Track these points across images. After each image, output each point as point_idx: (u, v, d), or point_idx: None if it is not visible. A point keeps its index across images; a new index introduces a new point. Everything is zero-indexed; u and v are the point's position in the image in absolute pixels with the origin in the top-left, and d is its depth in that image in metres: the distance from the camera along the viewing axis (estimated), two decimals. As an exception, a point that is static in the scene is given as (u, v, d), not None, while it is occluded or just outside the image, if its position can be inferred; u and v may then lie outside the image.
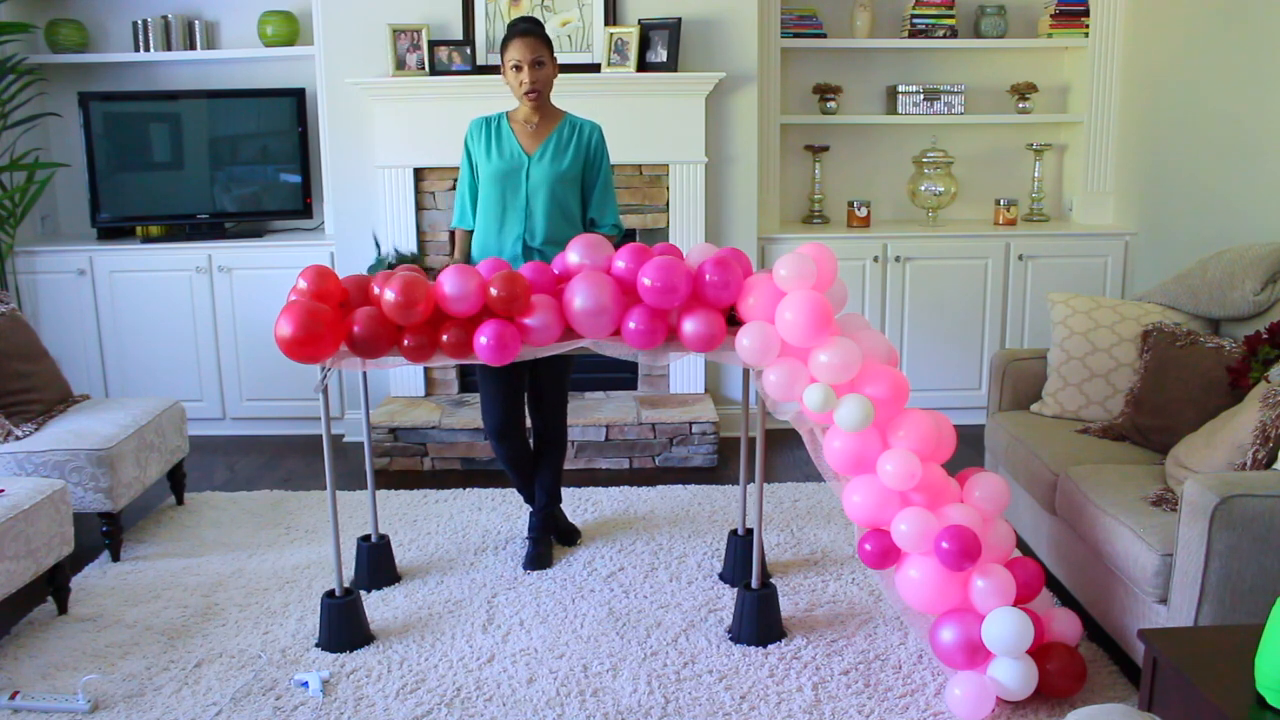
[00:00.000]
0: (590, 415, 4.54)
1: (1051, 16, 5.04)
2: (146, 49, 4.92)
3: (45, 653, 3.00)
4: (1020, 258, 4.91)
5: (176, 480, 4.11)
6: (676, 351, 2.94)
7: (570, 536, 3.73)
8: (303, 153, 4.95)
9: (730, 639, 3.04)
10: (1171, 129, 4.55)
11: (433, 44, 4.56)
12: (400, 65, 4.58)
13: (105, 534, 3.59)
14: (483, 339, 2.77)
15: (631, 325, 2.80)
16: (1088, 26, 5.00)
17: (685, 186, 4.68)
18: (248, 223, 5.06)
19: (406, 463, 4.52)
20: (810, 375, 2.74)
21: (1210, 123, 4.25)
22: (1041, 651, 2.68)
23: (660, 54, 4.55)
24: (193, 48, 4.96)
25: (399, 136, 4.59)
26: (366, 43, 4.61)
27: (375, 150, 4.63)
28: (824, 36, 5.03)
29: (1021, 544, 3.43)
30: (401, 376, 4.82)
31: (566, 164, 3.34)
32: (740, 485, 3.44)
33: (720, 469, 4.49)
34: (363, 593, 3.30)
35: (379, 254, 3.56)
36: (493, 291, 2.76)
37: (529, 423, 3.59)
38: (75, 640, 3.07)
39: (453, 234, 3.60)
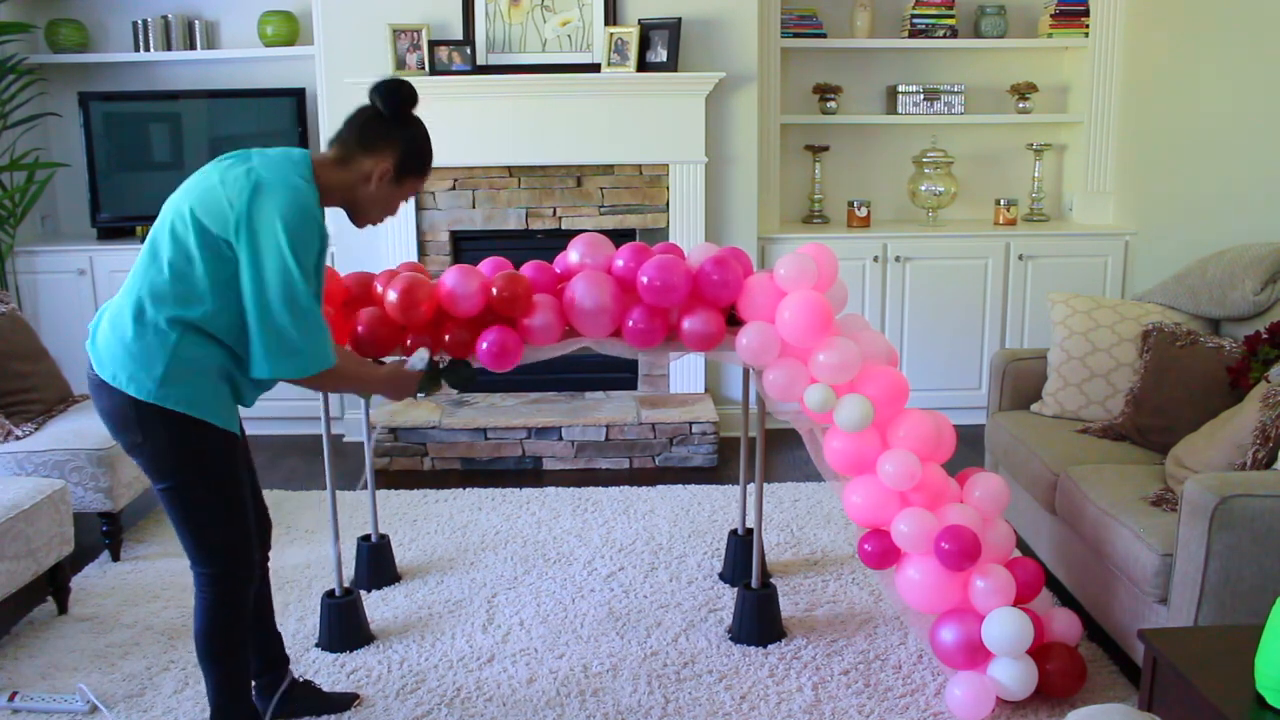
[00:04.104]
0: (590, 415, 4.54)
1: (1051, 16, 5.04)
2: (146, 49, 4.92)
3: (45, 653, 3.00)
4: (1020, 258, 4.91)
5: (176, 480, 4.11)
6: (676, 351, 2.94)
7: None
8: (303, 153, 4.94)
9: (730, 639, 3.04)
10: (1171, 129, 4.55)
11: (433, 44, 4.56)
12: (400, 65, 4.58)
13: (105, 534, 3.59)
14: (484, 344, 2.77)
15: (631, 324, 2.80)
16: (1088, 26, 5.00)
17: (685, 186, 4.68)
18: (248, 223, 5.05)
19: (406, 463, 4.52)
20: (810, 375, 2.74)
21: (1210, 123, 4.25)
22: (1041, 651, 2.68)
23: (660, 54, 4.55)
24: (193, 48, 4.96)
25: (399, 136, 4.59)
26: (366, 43, 4.61)
27: (375, 150, 4.62)
28: (824, 36, 5.03)
29: (1021, 544, 3.43)
30: (401, 376, 4.81)
31: None
32: (740, 485, 3.44)
33: (720, 469, 4.49)
34: (363, 593, 3.30)
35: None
36: (495, 291, 2.76)
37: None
38: (75, 640, 3.07)
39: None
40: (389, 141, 2.26)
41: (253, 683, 2.56)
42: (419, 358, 2.58)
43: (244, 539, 2.33)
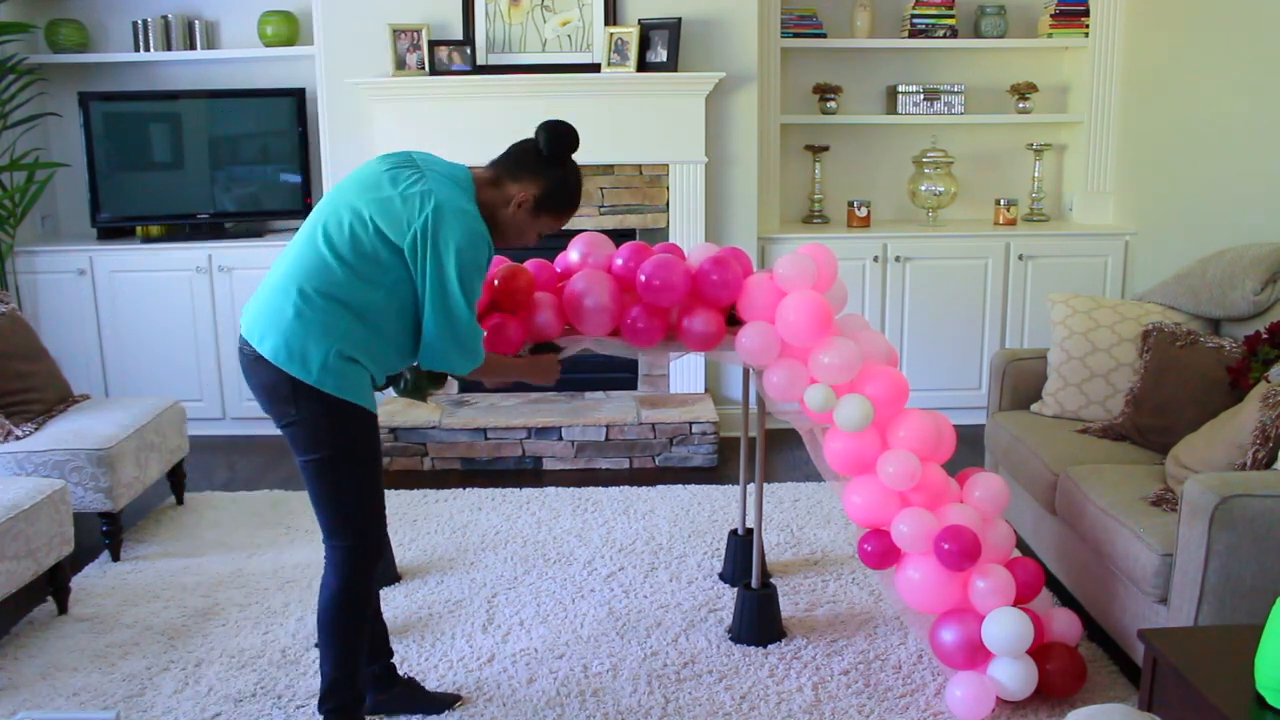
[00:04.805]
0: (590, 415, 4.54)
1: (1051, 16, 5.04)
2: (146, 49, 4.92)
3: (45, 653, 3.00)
4: (1020, 258, 4.91)
5: (176, 480, 4.11)
6: (676, 350, 2.94)
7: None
8: (303, 153, 4.95)
9: (730, 639, 3.04)
10: (1171, 129, 4.55)
11: (433, 44, 4.57)
12: (400, 65, 4.58)
13: (105, 534, 3.59)
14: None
15: (630, 323, 2.80)
16: (1088, 26, 5.00)
17: (685, 186, 4.68)
18: (248, 223, 5.06)
19: (406, 463, 4.51)
20: (810, 375, 2.74)
21: (1210, 123, 4.25)
22: (1041, 651, 2.68)
23: (660, 54, 4.55)
24: (193, 48, 4.95)
25: (399, 137, 4.59)
26: (366, 43, 4.61)
27: (375, 150, 4.62)
28: (824, 36, 5.03)
29: (1021, 544, 3.43)
30: (401, 376, 4.81)
31: None
32: (740, 485, 3.44)
33: (720, 469, 4.49)
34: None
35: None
36: (496, 283, 2.77)
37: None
38: (75, 640, 3.07)
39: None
40: (536, 175, 2.46)
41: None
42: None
43: (379, 514, 2.47)
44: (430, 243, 2.28)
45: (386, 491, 4.14)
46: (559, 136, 2.46)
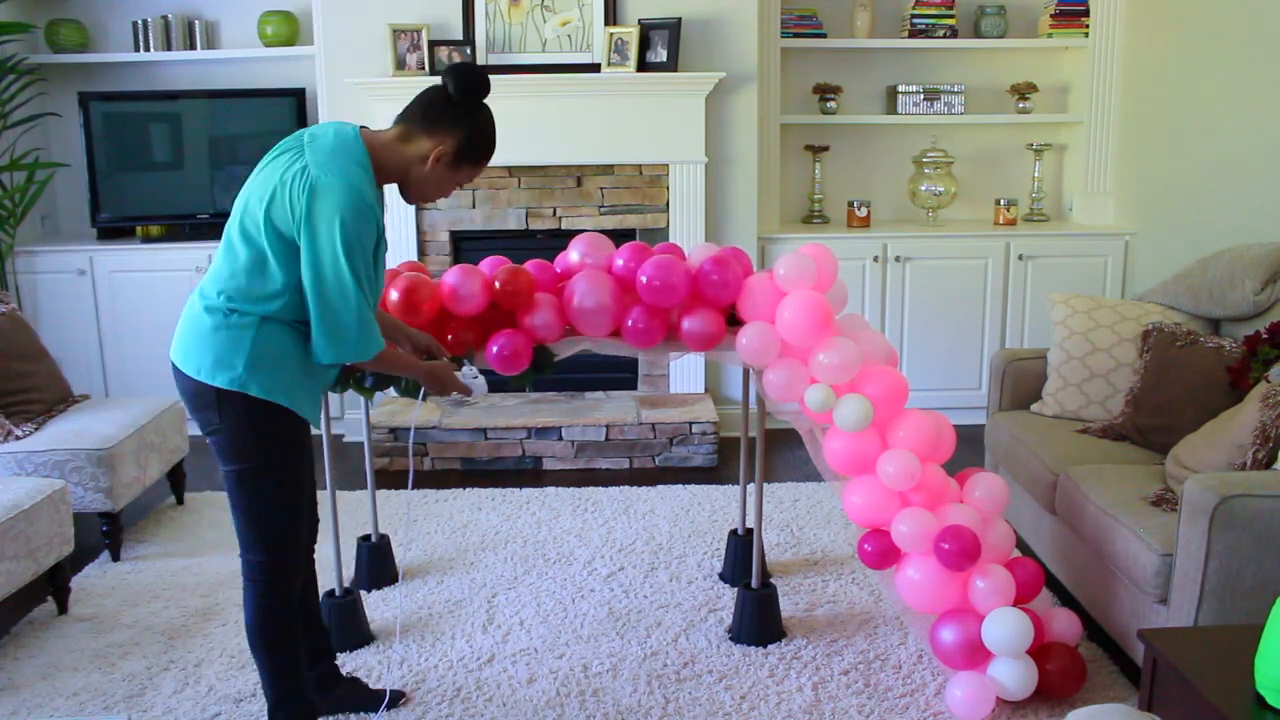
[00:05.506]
0: (590, 415, 4.54)
1: (1051, 16, 5.04)
2: (146, 49, 4.92)
3: (45, 653, 3.00)
4: (1020, 258, 4.91)
5: (176, 480, 4.11)
6: (676, 350, 2.94)
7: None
8: (303, 153, 4.94)
9: (730, 639, 3.04)
10: (1171, 129, 4.55)
11: (433, 44, 4.57)
12: (400, 65, 4.58)
13: (105, 534, 3.59)
14: (494, 348, 2.77)
15: (631, 324, 2.80)
16: (1088, 26, 5.00)
17: (685, 186, 4.68)
18: (248, 223, 5.05)
19: (407, 463, 4.51)
20: (810, 375, 2.74)
21: (1209, 122, 4.25)
22: (1041, 651, 2.68)
23: (660, 54, 4.55)
24: (193, 48, 4.96)
25: (399, 136, 4.59)
26: (366, 43, 4.61)
27: (375, 150, 4.62)
28: (824, 36, 5.03)
29: (1021, 544, 3.43)
30: (401, 376, 4.81)
31: None
32: (740, 485, 3.44)
33: (720, 469, 4.49)
34: (363, 593, 3.30)
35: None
36: (498, 284, 2.77)
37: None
38: (75, 640, 3.07)
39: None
40: (452, 126, 2.25)
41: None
42: (478, 382, 2.62)
43: (296, 531, 2.37)
44: (308, 222, 2.12)
45: (387, 492, 4.18)
46: (469, 78, 2.23)
